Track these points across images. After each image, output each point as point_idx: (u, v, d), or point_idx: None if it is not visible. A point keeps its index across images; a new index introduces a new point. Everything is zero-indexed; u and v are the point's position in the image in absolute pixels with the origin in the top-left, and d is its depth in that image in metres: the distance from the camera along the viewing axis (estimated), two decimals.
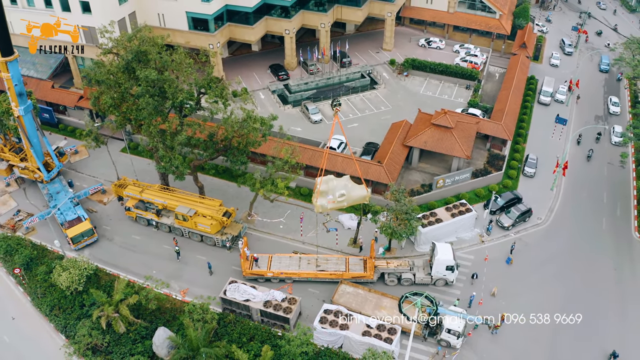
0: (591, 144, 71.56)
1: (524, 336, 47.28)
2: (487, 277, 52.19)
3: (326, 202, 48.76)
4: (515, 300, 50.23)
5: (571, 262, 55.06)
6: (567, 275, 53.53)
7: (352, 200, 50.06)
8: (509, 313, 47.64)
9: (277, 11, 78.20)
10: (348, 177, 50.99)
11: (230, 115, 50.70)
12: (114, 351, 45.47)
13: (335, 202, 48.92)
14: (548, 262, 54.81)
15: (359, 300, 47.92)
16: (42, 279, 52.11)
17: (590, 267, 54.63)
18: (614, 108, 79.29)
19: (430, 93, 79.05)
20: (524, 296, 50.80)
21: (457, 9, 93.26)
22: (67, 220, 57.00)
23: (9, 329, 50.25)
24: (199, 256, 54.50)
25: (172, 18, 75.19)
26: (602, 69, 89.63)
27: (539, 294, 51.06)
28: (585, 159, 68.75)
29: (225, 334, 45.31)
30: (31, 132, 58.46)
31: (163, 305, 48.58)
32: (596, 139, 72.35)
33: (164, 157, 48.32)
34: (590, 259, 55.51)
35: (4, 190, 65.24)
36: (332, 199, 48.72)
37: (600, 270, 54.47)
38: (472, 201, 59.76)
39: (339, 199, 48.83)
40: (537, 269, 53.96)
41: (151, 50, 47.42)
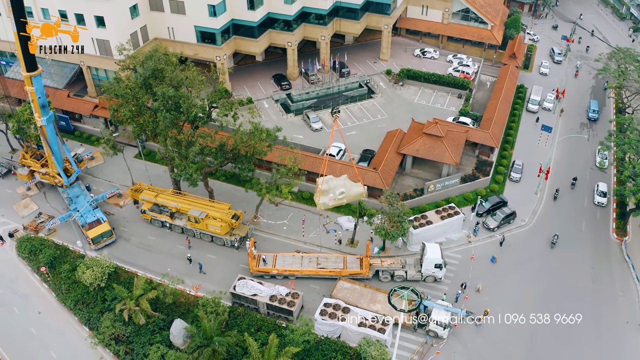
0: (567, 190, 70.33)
1: (505, 328, 51.92)
2: (473, 274, 56.98)
3: (328, 200, 53.66)
4: (499, 296, 55.05)
5: (551, 261, 59.72)
6: (548, 273, 58.23)
7: (351, 197, 54.88)
8: (491, 307, 52.57)
9: (280, 24, 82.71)
10: (346, 176, 56.02)
11: (239, 127, 55.64)
12: (135, 341, 50.27)
13: (336, 199, 53.87)
14: (530, 261, 59.53)
15: (356, 295, 52.83)
16: (65, 276, 56.67)
17: (570, 265, 59.25)
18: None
19: (424, 102, 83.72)
20: (507, 292, 55.58)
21: (451, 20, 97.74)
22: (87, 222, 61.75)
23: (36, 322, 54.91)
24: (209, 255, 59.36)
25: (181, 31, 79.78)
26: (590, 117, 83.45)
27: (521, 290, 55.81)
28: (570, 186, 70.16)
29: (235, 325, 50.24)
30: (52, 140, 63.09)
31: (178, 300, 53.42)
32: (572, 184, 70.46)
33: (179, 166, 53.25)
34: (569, 259, 60.07)
35: (25, 194, 69.81)
36: (333, 197, 53.67)
37: (578, 268, 59.12)
38: (460, 204, 64.56)
39: (339, 196, 53.78)
40: (520, 267, 58.70)
41: (167, 69, 52.24)
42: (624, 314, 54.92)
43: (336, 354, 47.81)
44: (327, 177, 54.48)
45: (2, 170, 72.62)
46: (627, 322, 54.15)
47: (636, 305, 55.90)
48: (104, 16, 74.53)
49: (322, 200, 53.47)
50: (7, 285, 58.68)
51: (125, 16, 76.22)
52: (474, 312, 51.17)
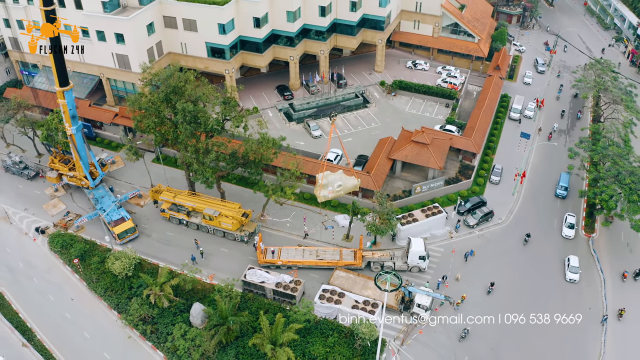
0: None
1: (480, 311, 59.72)
2: (453, 265, 64.79)
3: (327, 192, 61.84)
4: (475, 284, 62.87)
5: (524, 254, 67.38)
6: (520, 265, 65.88)
7: (347, 189, 63.17)
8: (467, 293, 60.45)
9: (283, 40, 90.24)
10: (341, 171, 64.13)
11: (249, 136, 63.64)
12: (159, 322, 58.10)
13: (334, 192, 62.03)
14: (505, 255, 67.21)
15: (350, 283, 60.70)
16: (95, 267, 64.41)
17: (540, 258, 66.89)
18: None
19: (414, 111, 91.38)
20: (482, 281, 63.35)
21: (441, 34, 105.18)
22: (113, 220, 69.45)
23: (69, 307, 62.45)
24: (222, 249, 67.25)
25: (193, 47, 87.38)
26: (557, 194, 76.39)
27: (495, 279, 63.48)
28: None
29: (246, 308, 58.23)
30: (80, 146, 70.73)
31: (195, 287, 61.22)
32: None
33: (197, 170, 61.25)
34: (540, 252, 67.62)
35: (53, 195, 77.32)
36: (332, 190, 61.95)
37: (548, 261, 66.73)
38: (444, 204, 72.30)
39: (337, 189, 62.10)
40: (495, 259, 66.39)
41: (187, 86, 60.21)
42: (588, 302, 62.46)
43: (333, 332, 55.95)
44: (325, 173, 62.79)
45: (31, 173, 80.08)
46: (589, 308, 61.75)
47: (599, 294, 63.56)
48: (123, 33, 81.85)
49: (322, 193, 61.63)
50: (42, 275, 66.21)
51: (143, 33, 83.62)
52: (451, 297, 59.02)
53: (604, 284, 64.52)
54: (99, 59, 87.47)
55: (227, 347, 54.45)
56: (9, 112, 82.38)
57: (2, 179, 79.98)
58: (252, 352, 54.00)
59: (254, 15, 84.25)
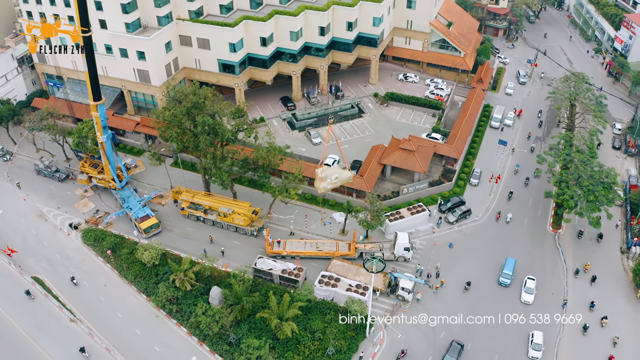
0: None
1: (455, 295, 69.85)
2: (434, 256, 74.89)
3: (326, 184, 72.05)
4: (453, 272, 72.96)
5: (498, 247, 77.09)
6: (493, 257, 75.72)
7: (343, 181, 73.41)
8: (446, 279, 70.69)
9: (286, 57, 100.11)
10: (337, 165, 74.02)
11: (258, 145, 74.07)
12: (182, 303, 68.13)
13: (332, 183, 72.20)
14: (480, 247, 77.15)
15: (345, 270, 70.87)
16: (125, 257, 74.25)
17: (510, 251, 76.41)
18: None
19: (404, 120, 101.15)
20: (459, 270, 73.40)
21: (430, 49, 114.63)
22: (139, 217, 79.47)
23: (103, 292, 72.04)
24: (235, 242, 77.42)
25: (206, 63, 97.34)
26: (500, 282, 70.93)
27: (470, 268, 73.45)
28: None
29: (257, 291, 68.41)
30: (109, 153, 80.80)
31: (213, 274, 71.21)
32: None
33: (215, 174, 71.71)
34: (512, 246, 77.26)
35: (83, 195, 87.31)
36: (330, 182, 72.37)
37: (518, 253, 76.00)
38: (428, 204, 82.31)
39: (334, 181, 72.46)
40: (471, 252, 76.32)
41: (207, 103, 70.57)
42: (551, 288, 72.10)
43: (330, 311, 66.11)
44: (324, 167, 72.75)
45: (62, 175, 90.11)
46: (552, 294, 71.59)
47: (562, 282, 73.40)
48: (144, 51, 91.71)
49: (322, 185, 71.78)
50: (77, 265, 75.88)
51: (162, 51, 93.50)
52: (430, 282, 69.21)
53: (567, 273, 74.12)
54: (121, 73, 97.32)
55: (241, 323, 64.66)
56: (42, 121, 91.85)
57: (35, 181, 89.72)
58: (262, 326, 64.17)
59: (260, 35, 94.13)
